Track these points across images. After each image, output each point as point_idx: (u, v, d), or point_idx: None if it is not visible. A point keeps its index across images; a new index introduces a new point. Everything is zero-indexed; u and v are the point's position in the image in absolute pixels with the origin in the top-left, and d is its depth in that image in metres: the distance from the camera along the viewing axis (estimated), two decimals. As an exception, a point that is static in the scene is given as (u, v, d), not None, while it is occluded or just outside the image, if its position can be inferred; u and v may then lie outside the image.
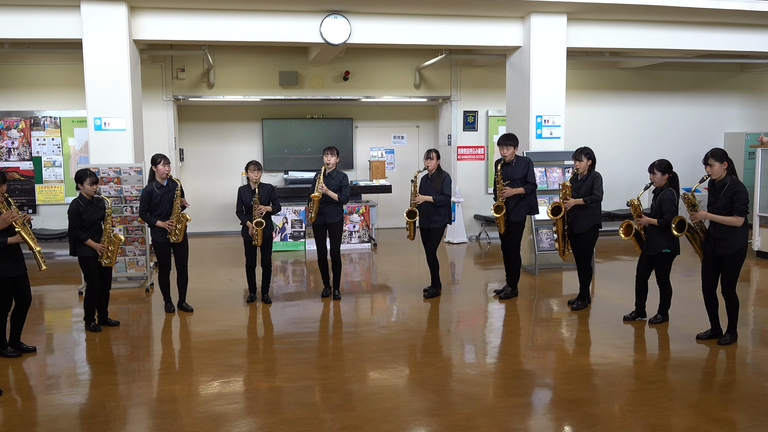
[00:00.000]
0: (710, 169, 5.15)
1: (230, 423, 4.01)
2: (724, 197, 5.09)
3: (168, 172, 6.32)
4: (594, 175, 6.32)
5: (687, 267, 8.22)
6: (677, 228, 5.32)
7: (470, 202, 11.19)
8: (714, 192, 5.21)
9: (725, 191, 5.09)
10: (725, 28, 8.77)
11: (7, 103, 9.68)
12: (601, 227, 6.46)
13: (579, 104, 11.16)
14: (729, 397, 4.37)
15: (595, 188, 6.26)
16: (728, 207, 5.07)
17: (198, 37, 7.75)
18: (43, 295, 7.39)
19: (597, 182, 6.29)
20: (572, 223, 6.38)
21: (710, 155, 5.14)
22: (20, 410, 4.26)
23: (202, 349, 5.43)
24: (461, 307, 6.78)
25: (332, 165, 6.74)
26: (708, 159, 5.14)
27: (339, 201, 6.76)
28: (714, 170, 5.14)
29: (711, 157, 5.13)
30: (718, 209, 5.12)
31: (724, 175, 5.15)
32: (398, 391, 4.51)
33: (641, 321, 6.02)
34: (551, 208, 6.45)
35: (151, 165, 6.31)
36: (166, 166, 6.29)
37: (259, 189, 6.58)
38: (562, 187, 6.43)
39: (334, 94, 10.84)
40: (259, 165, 6.63)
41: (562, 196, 6.40)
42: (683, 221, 5.31)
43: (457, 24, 8.23)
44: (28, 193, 9.62)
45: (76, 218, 5.61)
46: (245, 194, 6.65)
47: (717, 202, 5.15)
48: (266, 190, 6.67)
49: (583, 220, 6.31)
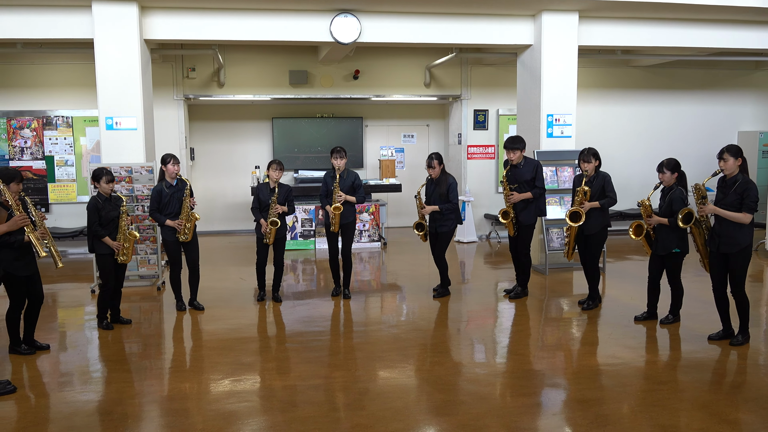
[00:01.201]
0: (724, 163, 5.11)
1: (241, 421, 4.03)
2: (735, 194, 5.05)
3: (177, 171, 6.36)
4: (603, 176, 6.27)
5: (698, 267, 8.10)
6: (684, 220, 5.28)
7: (480, 201, 11.17)
8: (723, 188, 5.17)
9: (736, 188, 5.05)
10: (739, 26, 8.69)
11: (20, 102, 9.77)
12: (610, 226, 6.43)
13: (590, 103, 11.10)
14: (740, 398, 4.34)
15: (607, 190, 6.21)
16: (737, 204, 5.04)
17: (208, 36, 7.79)
18: (56, 294, 7.47)
19: (608, 184, 6.23)
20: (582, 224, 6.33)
21: (726, 150, 5.09)
22: (34, 407, 4.31)
23: (213, 348, 5.46)
24: (471, 307, 6.77)
25: (342, 167, 6.75)
26: (723, 153, 5.10)
27: (358, 202, 6.79)
28: (728, 165, 5.10)
29: (726, 152, 5.09)
30: (727, 206, 5.09)
31: (736, 171, 5.11)
32: (408, 390, 4.51)
33: (652, 321, 5.99)
34: (569, 215, 6.24)
35: (161, 164, 6.36)
36: (175, 166, 6.33)
37: (279, 187, 6.60)
38: (578, 192, 6.23)
39: (344, 93, 10.85)
40: (281, 164, 6.65)
41: (579, 201, 6.22)
42: (690, 213, 5.27)
43: (468, 22, 8.22)
44: (41, 192, 9.71)
45: (95, 215, 5.69)
46: (263, 192, 6.68)
47: (726, 198, 5.11)
48: (285, 191, 6.70)
49: (594, 221, 6.26)
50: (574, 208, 6.27)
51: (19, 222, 4.39)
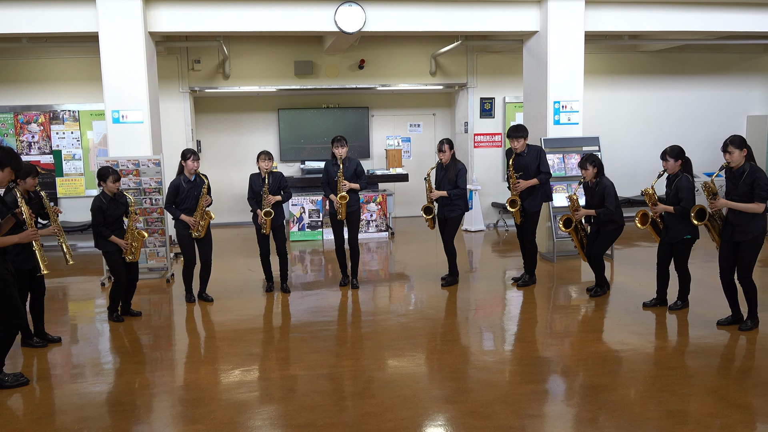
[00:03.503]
0: (729, 156, 5.09)
1: (252, 410, 4.07)
2: (744, 184, 5.03)
3: (197, 168, 6.39)
4: (604, 183, 6.19)
5: (707, 253, 8.13)
6: (697, 217, 5.27)
7: (487, 189, 11.15)
8: (733, 179, 5.15)
9: (745, 178, 5.03)
10: (747, 9, 8.59)
11: (27, 97, 9.81)
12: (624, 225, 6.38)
13: (597, 89, 11.02)
14: (749, 383, 4.33)
15: (607, 202, 6.14)
16: (748, 194, 5.02)
17: (213, 28, 7.78)
18: (66, 287, 7.52)
19: (608, 195, 6.13)
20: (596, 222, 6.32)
21: (729, 142, 5.07)
22: (47, 399, 4.36)
23: (222, 339, 5.50)
24: (479, 295, 6.78)
25: (344, 155, 6.75)
26: (727, 146, 5.08)
27: (361, 189, 6.81)
28: (733, 158, 5.08)
29: (730, 145, 5.07)
30: (738, 196, 5.07)
31: (743, 162, 5.08)
32: (417, 379, 4.53)
33: (661, 308, 5.98)
34: (562, 222, 6.44)
35: (181, 159, 6.38)
36: (195, 162, 6.35)
37: (269, 177, 6.61)
38: (569, 200, 6.38)
39: (349, 83, 10.83)
40: (269, 155, 6.65)
41: (572, 209, 6.35)
42: (703, 210, 5.25)
43: (473, 9, 8.16)
44: (49, 186, 9.76)
45: (100, 216, 5.71)
46: (256, 182, 6.70)
47: (736, 189, 5.09)
48: (276, 178, 6.70)
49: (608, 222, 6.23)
50: (565, 215, 6.49)
51: (31, 237, 4.43)
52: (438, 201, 6.87)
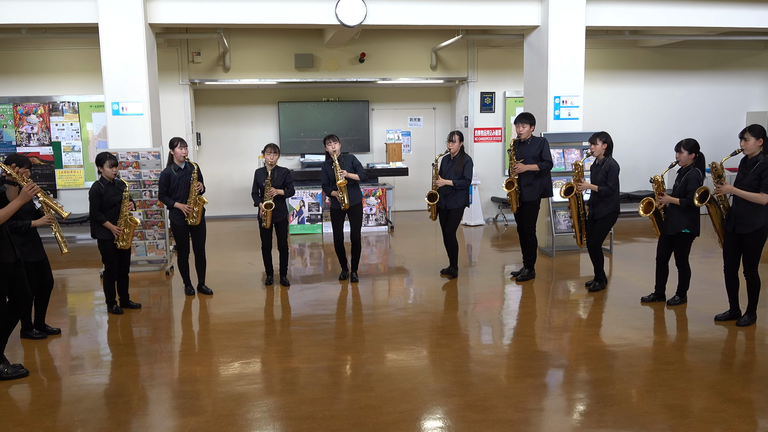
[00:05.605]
0: (744, 143, 5.06)
1: (251, 403, 4.08)
2: (753, 174, 5.01)
3: (185, 155, 6.38)
4: (609, 163, 6.22)
5: (706, 248, 8.14)
6: (700, 198, 5.24)
7: (487, 184, 11.15)
8: (744, 169, 5.13)
9: (755, 168, 5.00)
10: (748, 4, 8.58)
11: (26, 88, 9.78)
12: (619, 212, 6.39)
13: (598, 84, 11.01)
14: (747, 377, 4.35)
15: (609, 179, 6.16)
16: (755, 185, 4.99)
17: (213, 20, 7.75)
18: (65, 279, 7.53)
19: (611, 173, 6.16)
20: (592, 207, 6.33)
21: (748, 129, 5.04)
22: (46, 390, 4.36)
23: (221, 331, 5.50)
24: (478, 289, 6.79)
25: (338, 151, 6.75)
26: (744, 133, 5.04)
27: (361, 180, 6.81)
28: (748, 145, 5.04)
29: (748, 131, 5.03)
30: (745, 186, 5.05)
31: (757, 152, 5.06)
32: (416, 372, 4.54)
33: (659, 302, 5.99)
34: (564, 189, 6.42)
35: (169, 148, 6.38)
36: (183, 149, 6.34)
37: (274, 172, 6.61)
38: (574, 166, 6.39)
39: (350, 77, 10.80)
40: (276, 148, 6.65)
41: (576, 177, 6.35)
42: (706, 192, 5.24)
43: (474, 3, 8.14)
44: (48, 178, 9.75)
45: (97, 199, 5.71)
46: (261, 176, 6.69)
47: (745, 179, 5.07)
48: (281, 174, 6.70)
49: (604, 206, 6.25)
50: (568, 182, 6.47)
51: (29, 192, 4.24)
52: (441, 192, 6.87)
